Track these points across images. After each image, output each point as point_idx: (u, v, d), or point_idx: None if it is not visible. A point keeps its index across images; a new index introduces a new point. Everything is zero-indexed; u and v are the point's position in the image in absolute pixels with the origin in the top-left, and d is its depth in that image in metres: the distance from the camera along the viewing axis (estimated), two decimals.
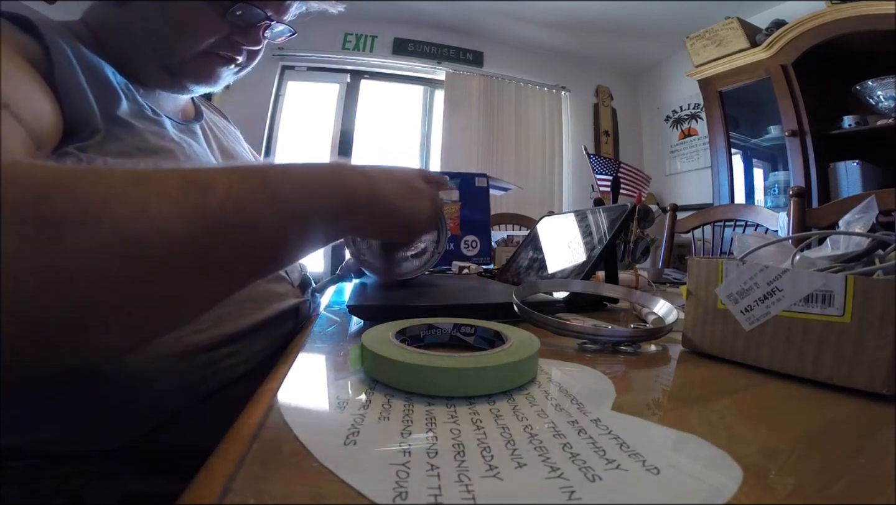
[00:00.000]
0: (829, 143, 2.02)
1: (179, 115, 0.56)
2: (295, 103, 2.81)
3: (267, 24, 0.51)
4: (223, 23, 0.48)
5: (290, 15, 0.54)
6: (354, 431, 0.18)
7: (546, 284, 0.49)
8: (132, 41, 0.47)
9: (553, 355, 0.32)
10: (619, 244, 0.86)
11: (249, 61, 0.54)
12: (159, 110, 0.48)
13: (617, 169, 1.38)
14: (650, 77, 3.31)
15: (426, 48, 2.92)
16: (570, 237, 0.67)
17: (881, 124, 1.87)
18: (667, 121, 3.15)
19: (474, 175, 1.02)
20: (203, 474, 0.15)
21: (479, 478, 0.15)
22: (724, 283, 0.30)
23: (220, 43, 0.49)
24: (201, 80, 0.51)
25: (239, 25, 0.49)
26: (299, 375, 0.27)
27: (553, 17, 2.72)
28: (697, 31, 2.38)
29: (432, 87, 3.06)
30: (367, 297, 0.48)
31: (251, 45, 0.51)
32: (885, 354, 0.23)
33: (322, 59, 2.79)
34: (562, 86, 3.21)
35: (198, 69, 0.50)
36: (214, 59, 0.50)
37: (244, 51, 0.52)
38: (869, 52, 1.85)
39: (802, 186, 1.31)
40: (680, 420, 0.21)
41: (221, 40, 0.49)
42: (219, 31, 0.48)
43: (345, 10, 0.63)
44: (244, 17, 0.48)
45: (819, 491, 0.15)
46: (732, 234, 1.43)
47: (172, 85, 0.51)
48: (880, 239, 0.29)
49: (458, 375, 0.23)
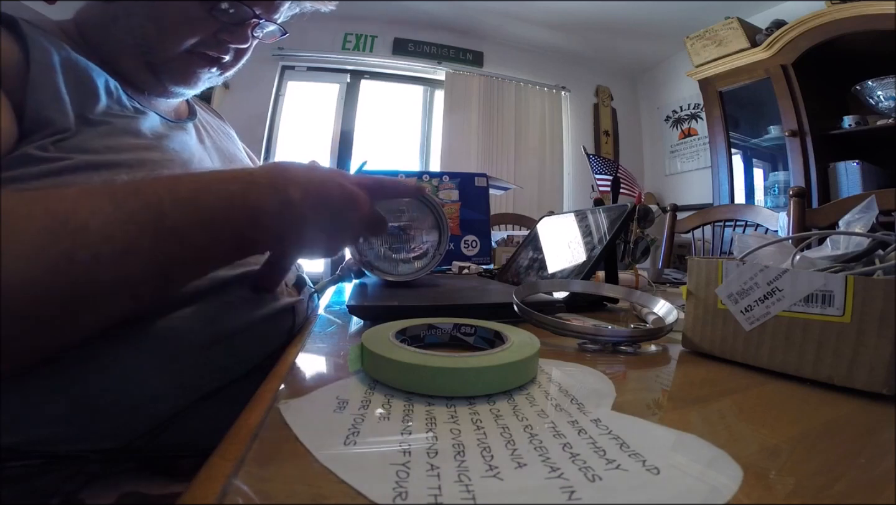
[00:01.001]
0: (829, 143, 2.02)
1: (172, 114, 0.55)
2: (295, 103, 2.81)
3: (256, 22, 0.50)
4: (210, 20, 0.47)
5: (280, 14, 0.54)
6: (354, 431, 0.18)
7: (546, 284, 0.49)
8: (118, 38, 0.47)
9: (553, 355, 0.32)
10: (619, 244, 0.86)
11: (235, 61, 0.54)
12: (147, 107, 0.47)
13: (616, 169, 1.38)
14: (650, 77, 3.31)
15: (426, 48, 2.92)
16: (570, 237, 0.67)
17: (881, 124, 1.87)
18: (667, 121, 3.15)
19: (474, 175, 1.02)
20: (203, 474, 0.15)
21: (479, 478, 0.15)
22: (724, 283, 0.30)
23: (206, 41, 0.49)
24: (181, 81, 0.51)
25: (226, 23, 0.48)
26: (299, 375, 0.27)
27: (553, 17, 2.73)
28: (697, 31, 2.38)
29: (432, 87, 3.06)
30: (367, 297, 0.48)
31: (238, 43, 0.51)
32: (885, 354, 0.23)
33: (322, 59, 2.79)
34: (562, 86, 3.21)
35: (179, 69, 0.49)
36: (198, 58, 0.50)
37: (231, 49, 0.51)
38: (869, 52, 1.85)
39: (802, 186, 1.31)
40: (680, 420, 0.21)
41: (208, 38, 0.48)
42: (206, 29, 0.48)
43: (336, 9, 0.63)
44: (232, 15, 0.48)
45: (819, 491, 0.15)
46: (732, 234, 1.43)
47: (155, 86, 0.50)
48: (880, 239, 0.29)
49: (458, 375, 0.23)
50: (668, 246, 1.58)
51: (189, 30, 0.47)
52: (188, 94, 0.54)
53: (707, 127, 2.56)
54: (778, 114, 2.13)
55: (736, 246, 0.36)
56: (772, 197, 2.34)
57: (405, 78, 3.01)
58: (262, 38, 0.54)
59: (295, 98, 2.81)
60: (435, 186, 0.99)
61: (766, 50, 2.11)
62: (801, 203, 1.12)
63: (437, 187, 0.99)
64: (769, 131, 2.31)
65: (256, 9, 0.49)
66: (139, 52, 0.47)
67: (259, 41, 0.54)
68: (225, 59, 0.52)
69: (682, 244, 1.96)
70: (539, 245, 0.75)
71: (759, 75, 2.18)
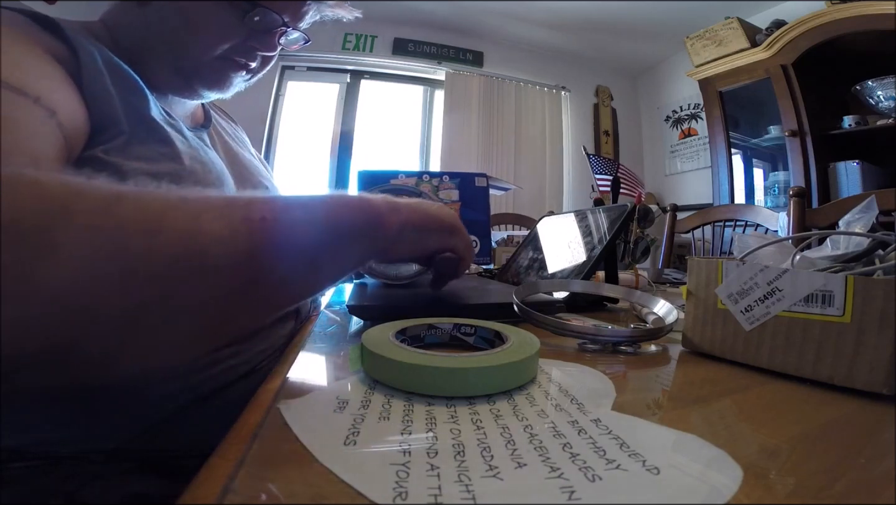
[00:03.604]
0: (829, 143, 2.02)
1: (189, 121, 0.55)
2: (295, 103, 2.81)
3: (283, 30, 0.51)
4: (241, 27, 0.48)
5: (305, 22, 0.54)
6: (354, 431, 0.18)
7: (546, 284, 0.49)
8: (149, 43, 0.47)
9: (553, 355, 0.32)
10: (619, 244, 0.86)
11: (262, 67, 0.54)
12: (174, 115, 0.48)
13: (617, 169, 1.38)
14: (650, 77, 3.31)
15: (426, 48, 2.92)
16: (570, 237, 0.67)
17: (881, 124, 1.87)
18: (667, 121, 3.15)
19: (474, 175, 1.02)
20: (203, 474, 0.15)
21: (479, 478, 0.15)
22: (724, 283, 0.30)
23: (235, 48, 0.49)
24: (214, 86, 0.51)
25: (255, 30, 0.49)
26: (299, 375, 0.27)
27: (553, 17, 2.72)
28: (697, 31, 2.38)
29: (432, 87, 3.06)
30: (367, 297, 0.48)
31: (266, 50, 0.51)
32: (885, 354, 0.23)
33: (322, 59, 2.79)
34: (562, 86, 3.21)
35: (211, 74, 0.50)
36: (229, 64, 0.50)
37: (258, 56, 0.52)
38: (869, 52, 1.85)
39: (802, 186, 1.31)
40: (680, 420, 0.21)
41: (237, 45, 0.49)
42: (236, 36, 0.48)
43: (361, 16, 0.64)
44: (262, 23, 0.48)
45: (819, 491, 0.15)
46: (732, 234, 1.43)
47: (184, 89, 0.51)
48: (880, 239, 0.29)
49: (458, 375, 0.23)
50: (668, 246, 1.58)
51: (222, 37, 0.48)
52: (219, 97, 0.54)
53: (707, 127, 2.56)
54: (778, 114, 2.13)
55: (736, 246, 0.36)
56: (772, 197, 2.34)
57: (405, 78, 3.00)
58: (287, 45, 0.55)
59: (295, 98, 2.81)
60: (435, 186, 0.99)
61: (766, 50, 2.11)
62: (801, 203, 1.12)
63: (437, 187, 0.99)
64: (769, 131, 2.31)
65: (285, 16, 0.49)
66: (172, 57, 0.48)
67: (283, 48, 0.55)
68: (252, 65, 0.52)
69: (682, 244, 1.96)
70: (539, 245, 0.75)
71: (759, 75, 2.18)
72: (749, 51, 2.19)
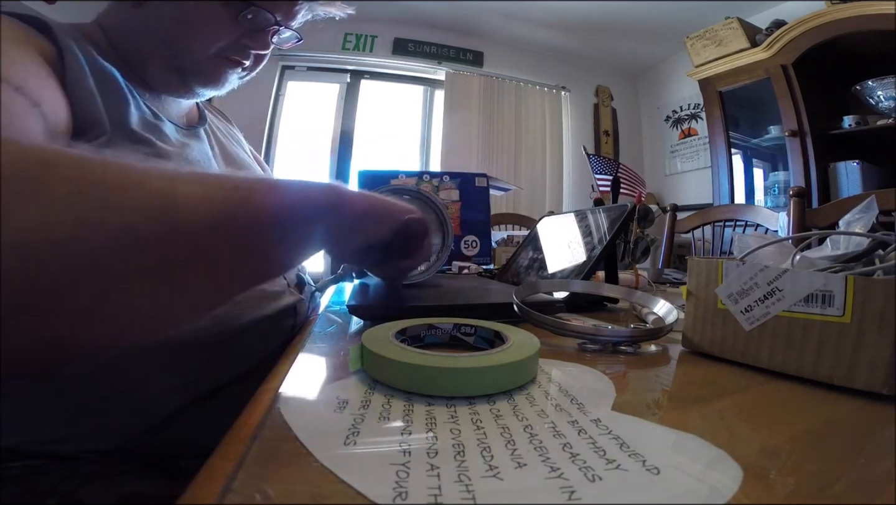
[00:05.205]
0: (829, 143, 2.02)
1: (183, 120, 0.56)
2: (295, 103, 2.81)
3: (276, 28, 0.52)
4: (235, 25, 0.49)
5: (297, 21, 0.55)
6: (354, 431, 0.18)
7: (546, 284, 0.49)
8: (144, 42, 0.48)
9: (553, 355, 0.32)
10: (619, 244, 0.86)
11: (255, 66, 0.55)
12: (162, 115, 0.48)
13: (617, 169, 1.38)
14: (650, 77, 3.31)
15: (426, 48, 2.92)
16: (570, 237, 0.67)
17: (881, 124, 1.87)
18: (667, 121, 3.15)
19: (474, 175, 1.02)
20: (203, 474, 0.15)
21: (479, 478, 0.15)
22: (724, 283, 0.30)
23: (229, 46, 0.50)
24: (209, 83, 0.52)
25: (249, 29, 0.50)
26: (299, 375, 0.27)
27: (553, 17, 2.72)
28: (697, 31, 2.38)
29: (432, 87, 3.06)
30: (367, 297, 0.48)
31: (259, 48, 0.52)
32: (885, 354, 0.23)
33: (322, 59, 2.79)
34: (562, 86, 3.21)
35: (207, 71, 0.51)
36: (223, 62, 0.51)
37: (251, 55, 0.53)
38: (869, 52, 1.85)
39: (802, 186, 1.31)
40: (680, 420, 0.21)
41: (231, 43, 0.50)
42: (231, 34, 0.49)
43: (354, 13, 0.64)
44: (255, 21, 0.49)
45: (819, 491, 0.15)
46: (732, 234, 1.43)
47: (179, 87, 0.51)
48: (880, 239, 0.29)
49: (458, 375, 0.23)
50: (668, 246, 1.58)
51: (216, 35, 0.49)
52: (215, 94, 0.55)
53: (707, 127, 2.56)
54: (778, 114, 2.12)
55: (736, 246, 0.36)
56: (772, 197, 2.34)
57: (405, 78, 3.00)
58: (279, 44, 0.56)
59: (295, 98, 2.81)
60: (435, 186, 0.99)
61: (766, 50, 2.11)
62: (801, 203, 1.12)
63: (437, 187, 0.99)
64: (769, 131, 2.31)
65: (277, 14, 0.50)
66: (167, 56, 0.48)
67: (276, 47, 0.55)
68: (246, 63, 0.53)
69: (682, 244, 1.96)
70: (539, 245, 0.75)
71: (759, 75, 2.18)
72: (749, 51, 2.19)
